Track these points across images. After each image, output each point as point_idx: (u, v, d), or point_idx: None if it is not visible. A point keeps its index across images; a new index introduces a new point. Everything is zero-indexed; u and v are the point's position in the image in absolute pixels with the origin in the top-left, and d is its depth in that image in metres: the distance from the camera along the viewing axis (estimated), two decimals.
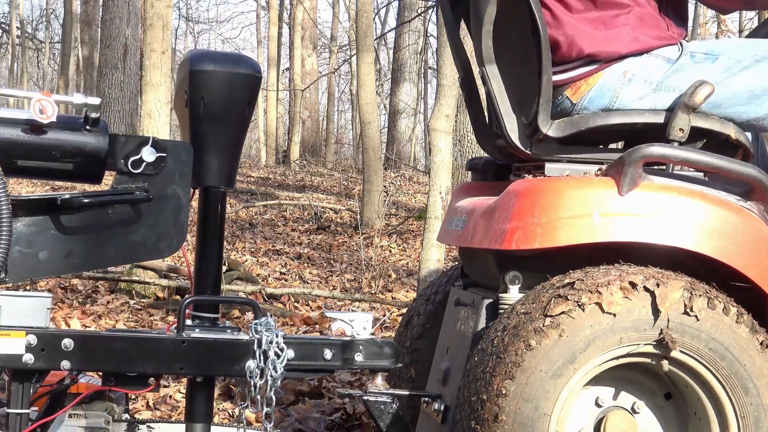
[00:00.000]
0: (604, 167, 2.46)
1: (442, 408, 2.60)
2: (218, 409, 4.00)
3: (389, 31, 23.79)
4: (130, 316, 5.80)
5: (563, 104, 2.57)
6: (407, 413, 2.85)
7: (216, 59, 2.35)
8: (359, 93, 10.75)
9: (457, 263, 3.14)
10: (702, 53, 2.52)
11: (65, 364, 2.13)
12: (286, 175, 17.44)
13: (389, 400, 2.56)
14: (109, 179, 2.32)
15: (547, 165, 2.53)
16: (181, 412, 3.92)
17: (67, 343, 2.13)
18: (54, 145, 2.15)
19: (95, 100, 2.16)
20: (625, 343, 2.25)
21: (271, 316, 2.28)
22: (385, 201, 10.90)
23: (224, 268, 6.41)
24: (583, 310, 2.22)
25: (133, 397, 3.80)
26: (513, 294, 2.42)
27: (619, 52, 2.50)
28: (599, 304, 2.22)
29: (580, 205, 2.33)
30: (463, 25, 2.87)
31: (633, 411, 2.39)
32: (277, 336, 2.23)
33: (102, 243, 2.23)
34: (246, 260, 8.25)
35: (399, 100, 18.59)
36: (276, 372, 2.21)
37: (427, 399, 2.70)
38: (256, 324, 2.25)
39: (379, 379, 2.53)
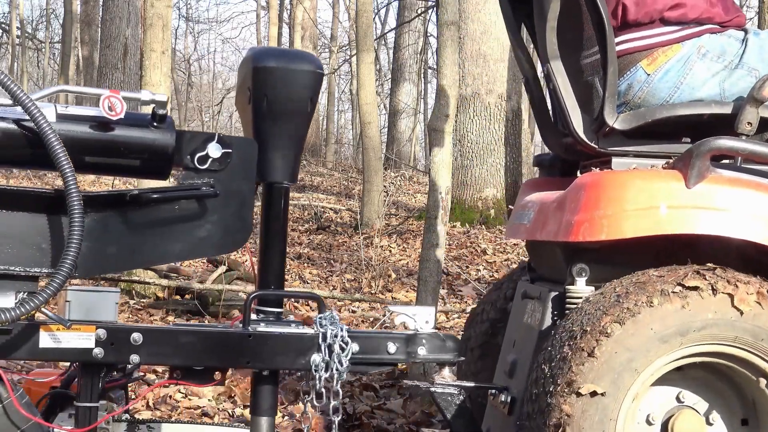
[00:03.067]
0: (671, 160, 2.46)
1: (509, 400, 2.63)
2: (218, 409, 4.00)
3: (389, 31, 23.79)
4: (130, 316, 5.80)
5: (636, 76, 2.57)
6: (474, 405, 2.89)
7: (279, 56, 2.37)
8: (359, 93, 10.75)
9: (524, 260, 3.19)
10: None
11: (134, 358, 2.16)
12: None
13: (456, 392, 2.58)
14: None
15: (614, 159, 2.55)
16: (181, 411, 3.92)
17: (136, 337, 2.16)
18: (122, 141, 2.16)
19: (162, 97, 2.18)
20: (738, 343, 2.24)
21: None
22: (385, 201, 10.90)
23: (224, 268, 6.41)
24: (714, 294, 2.22)
25: (133, 396, 3.80)
26: (580, 287, 2.44)
27: (688, 16, 2.53)
28: (731, 296, 2.22)
29: (646, 197, 2.34)
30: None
31: (707, 421, 2.37)
32: (342, 330, 2.25)
33: (169, 238, 2.24)
34: (246, 260, 8.25)
35: (399, 100, 18.60)
36: (341, 365, 2.24)
37: (494, 391, 2.73)
38: (320, 318, 2.27)
39: (446, 371, 2.55)
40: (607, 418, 2.19)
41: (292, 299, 5.94)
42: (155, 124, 2.18)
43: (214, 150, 2.25)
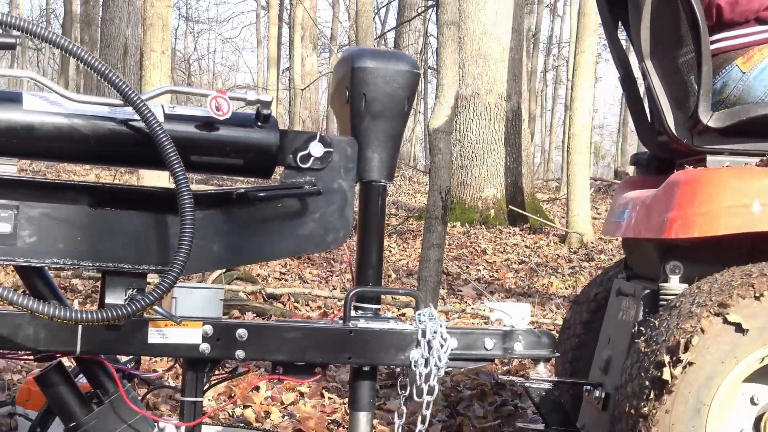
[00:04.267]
0: (765, 158, 2.49)
1: (603, 396, 2.66)
2: (218, 409, 4.00)
3: (389, 30, 23.80)
4: None
5: (732, 74, 2.59)
6: (569, 401, 2.93)
7: (377, 56, 2.40)
8: None
9: (620, 258, 3.21)
10: None
11: (240, 353, 2.20)
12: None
13: (550, 388, 2.62)
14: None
15: (709, 158, 2.57)
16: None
17: (242, 333, 2.20)
18: (227, 141, 2.20)
19: (267, 97, 2.21)
20: None
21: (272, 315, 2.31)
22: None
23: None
24: None
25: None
26: (673, 284, 2.47)
27: None
28: None
29: (740, 194, 2.36)
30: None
31: None
32: (440, 326, 2.28)
33: (272, 236, 2.28)
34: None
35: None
36: (440, 361, 2.26)
37: (588, 387, 2.76)
38: (419, 314, 2.31)
39: (541, 367, 2.63)
40: (700, 414, 2.22)
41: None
42: (259, 123, 2.22)
43: (316, 149, 2.29)
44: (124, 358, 2.42)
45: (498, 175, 11.20)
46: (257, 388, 4.16)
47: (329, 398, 4.05)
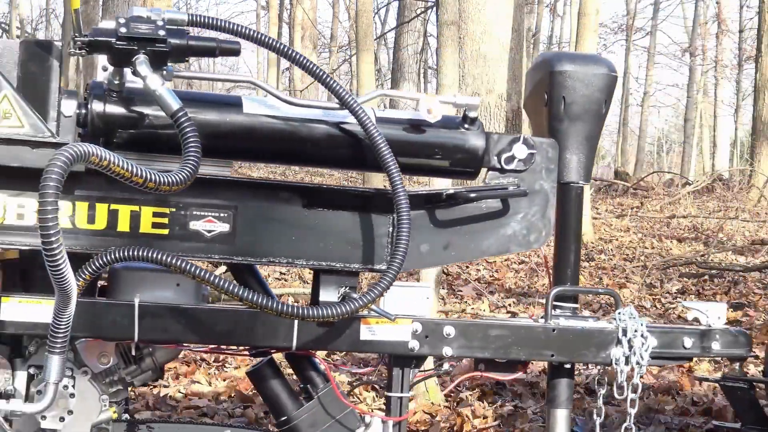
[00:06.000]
0: None
1: None
2: (218, 408, 3.99)
3: (389, 31, 23.79)
4: None
5: None
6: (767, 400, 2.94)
7: (575, 60, 2.48)
8: (359, 93, 10.75)
9: None
10: None
11: (447, 350, 2.27)
12: (286, 174, 17.42)
13: (746, 387, 2.66)
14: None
15: None
16: (180, 411, 3.92)
17: (449, 330, 2.27)
18: (436, 143, 2.27)
19: (475, 100, 2.28)
20: None
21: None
22: None
23: (224, 268, 6.40)
24: None
25: (133, 397, 3.80)
26: None
27: None
28: None
29: None
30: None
31: None
32: (642, 324, 2.33)
33: (477, 235, 2.35)
34: None
35: (399, 100, 18.58)
36: (642, 359, 2.31)
37: None
38: (619, 313, 2.35)
39: (737, 366, 2.63)
40: None
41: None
42: (466, 126, 2.29)
43: (520, 151, 2.35)
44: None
45: None
46: None
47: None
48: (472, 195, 2.31)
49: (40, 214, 1.74)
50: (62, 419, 2.16)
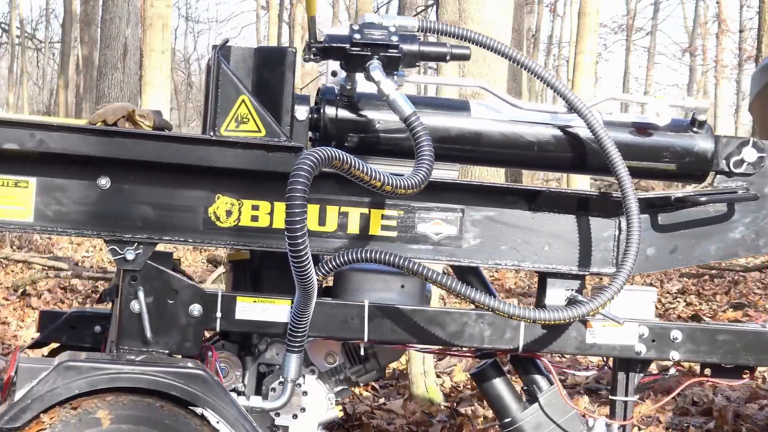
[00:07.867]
0: None
1: None
2: None
3: None
4: None
5: None
6: None
7: None
8: None
9: None
10: None
11: (674, 354, 2.26)
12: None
13: None
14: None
15: None
16: None
17: (676, 334, 2.25)
18: (664, 146, 2.28)
19: (704, 103, 2.29)
20: None
21: None
22: None
23: (224, 268, 6.39)
24: None
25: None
26: None
27: None
28: None
29: None
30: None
31: None
32: None
33: (703, 239, 2.34)
34: None
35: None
36: None
37: None
38: None
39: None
40: None
41: None
42: (695, 129, 2.29)
43: (749, 154, 2.33)
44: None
45: (498, 174, 11.17)
46: None
47: None
48: (703, 198, 2.30)
49: (288, 217, 1.79)
50: (295, 416, 2.21)
